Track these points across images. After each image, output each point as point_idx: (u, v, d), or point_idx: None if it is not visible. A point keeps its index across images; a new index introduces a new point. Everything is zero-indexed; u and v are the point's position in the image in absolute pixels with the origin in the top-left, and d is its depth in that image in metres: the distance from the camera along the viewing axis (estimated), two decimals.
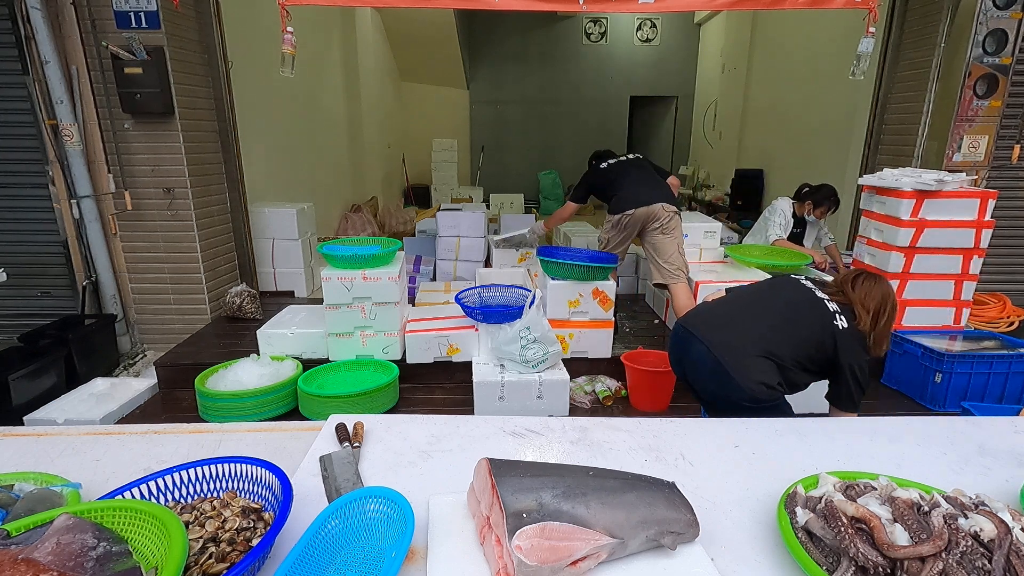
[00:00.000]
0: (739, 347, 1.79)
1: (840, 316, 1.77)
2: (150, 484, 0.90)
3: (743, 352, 1.77)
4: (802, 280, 1.95)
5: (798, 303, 1.85)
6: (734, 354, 1.78)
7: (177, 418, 2.86)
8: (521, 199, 9.13)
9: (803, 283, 1.93)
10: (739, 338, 1.81)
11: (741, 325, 1.86)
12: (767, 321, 1.84)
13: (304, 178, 5.64)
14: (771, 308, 1.88)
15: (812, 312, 1.80)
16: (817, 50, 5.87)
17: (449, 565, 0.81)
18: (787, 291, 1.92)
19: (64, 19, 3.21)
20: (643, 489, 0.88)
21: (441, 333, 3.13)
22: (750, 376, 1.73)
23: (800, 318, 1.81)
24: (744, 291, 2.05)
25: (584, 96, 10.73)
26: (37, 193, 3.43)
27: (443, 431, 1.23)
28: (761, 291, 2.00)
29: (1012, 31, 3.42)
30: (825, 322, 1.77)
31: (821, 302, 1.82)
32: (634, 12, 9.67)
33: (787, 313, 1.84)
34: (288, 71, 3.06)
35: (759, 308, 1.91)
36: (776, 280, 2.08)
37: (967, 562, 0.74)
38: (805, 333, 1.78)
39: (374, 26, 8.11)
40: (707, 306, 2.04)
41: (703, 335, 1.86)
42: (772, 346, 1.77)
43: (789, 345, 1.77)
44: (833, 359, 1.77)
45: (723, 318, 1.92)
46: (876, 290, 1.80)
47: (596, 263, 3.10)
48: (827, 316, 1.78)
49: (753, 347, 1.77)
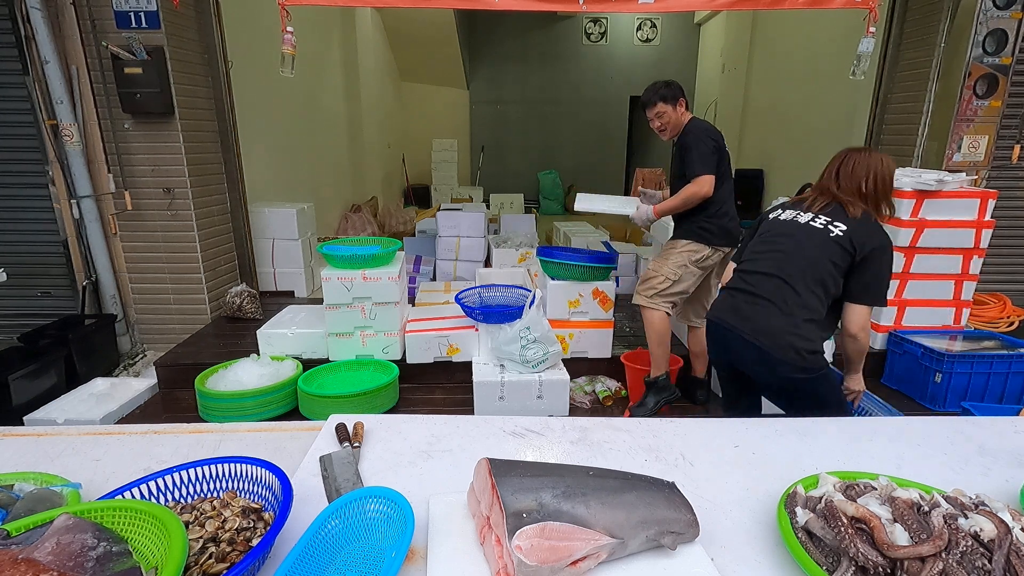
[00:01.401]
0: (773, 325, 1.77)
1: (832, 224, 1.78)
2: (150, 484, 0.90)
3: (779, 328, 1.76)
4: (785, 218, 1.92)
5: (800, 248, 1.82)
6: (771, 334, 1.76)
7: (177, 418, 2.86)
8: (521, 199, 9.13)
9: (790, 222, 1.89)
10: (769, 315, 1.79)
11: (766, 301, 1.82)
12: (786, 284, 1.80)
13: (304, 178, 5.64)
14: (783, 267, 1.82)
15: (813, 244, 1.79)
16: (817, 50, 5.87)
17: (449, 565, 0.81)
18: (784, 242, 1.87)
19: (64, 19, 3.21)
20: (643, 489, 0.88)
21: (441, 333, 3.13)
22: (794, 348, 1.72)
23: (811, 260, 1.78)
24: (752, 264, 1.94)
25: (584, 96, 10.73)
26: (37, 193, 3.43)
27: (443, 431, 1.23)
28: (767, 256, 1.90)
29: (1012, 31, 3.42)
30: (827, 244, 1.76)
31: (811, 229, 1.82)
32: (634, 12, 9.67)
33: (798, 263, 1.80)
34: (288, 71, 3.06)
35: (774, 274, 1.84)
36: (771, 235, 1.95)
37: (967, 562, 0.74)
38: (822, 269, 1.76)
39: (374, 26, 8.11)
40: (728, 292, 1.98)
41: (737, 325, 1.84)
42: (801, 305, 1.75)
43: (815, 294, 1.76)
44: (850, 264, 1.75)
45: (747, 299, 1.87)
46: (858, 169, 1.83)
47: (596, 263, 3.10)
48: (823, 236, 1.78)
49: (785, 319, 1.76)
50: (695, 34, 10.40)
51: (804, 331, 1.74)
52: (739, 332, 1.83)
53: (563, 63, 10.59)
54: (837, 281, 1.77)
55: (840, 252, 1.76)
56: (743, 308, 1.87)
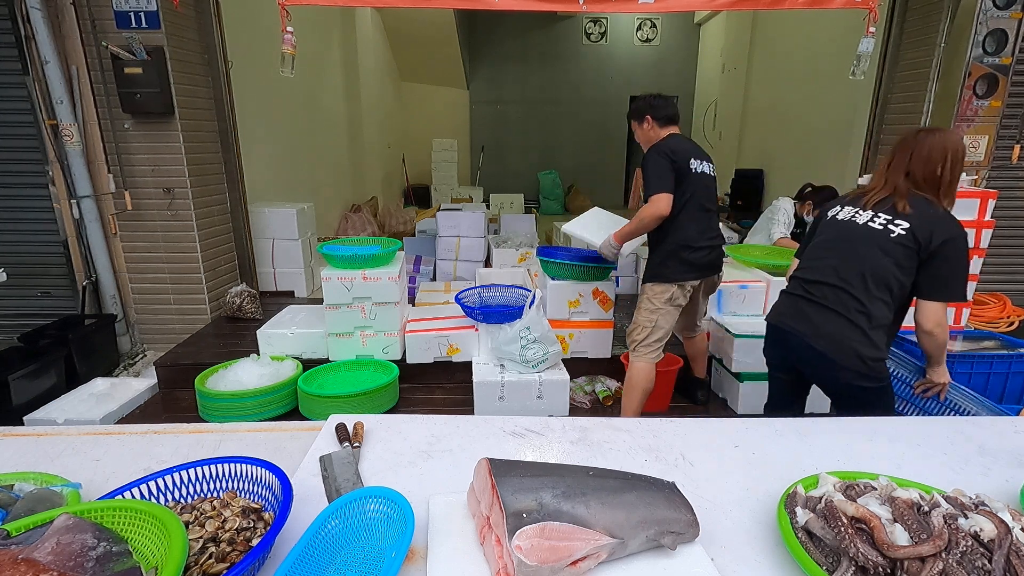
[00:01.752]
0: (839, 332, 1.72)
1: (893, 224, 1.67)
2: (150, 484, 0.90)
3: (845, 336, 1.71)
4: (843, 218, 1.80)
5: (860, 254, 1.72)
6: (836, 340, 1.72)
7: (177, 418, 2.86)
8: (521, 199, 9.13)
9: (848, 223, 1.78)
10: (835, 322, 1.73)
11: (831, 310, 1.75)
12: (850, 295, 1.72)
13: (304, 178, 5.64)
14: (845, 276, 1.74)
15: (873, 248, 1.69)
16: (817, 50, 5.87)
17: (449, 565, 0.81)
18: (843, 248, 1.77)
19: (64, 19, 3.21)
20: (643, 489, 0.88)
21: (441, 333, 3.13)
22: (859, 355, 1.68)
23: (872, 266, 1.69)
24: (812, 272, 1.85)
25: (584, 96, 10.73)
26: (37, 193, 3.43)
27: (443, 431, 1.23)
28: (827, 264, 1.81)
29: (1012, 31, 3.42)
30: (888, 246, 1.66)
31: (870, 232, 1.71)
32: (634, 12, 9.67)
33: (859, 271, 1.71)
34: (288, 71, 3.06)
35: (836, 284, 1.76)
36: (830, 241, 1.85)
37: (967, 562, 0.74)
38: (886, 273, 1.68)
39: (374, 26, 8.11)
40: (791, 297, 1.92)
41: (802, 330, 1.79)
42: (866, 314, 1.69)
43: (881, 300, 1.69)
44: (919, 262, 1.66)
45: (812, 307, 1.80)
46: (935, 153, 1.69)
47: (596, 263, 3.10)
48: (883, 238, 1.67)
49: (852, 327, 1.70)
50: (695, 34, 10.40)
51: (872, 337, 1.69)
52: (803, 337, 1.78)
53: (563, 63, 10.59)
54: (904, 283, 1.69)
55: (904, 252, 1.66)
56: (807, 312, 1.81)
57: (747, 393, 2.89)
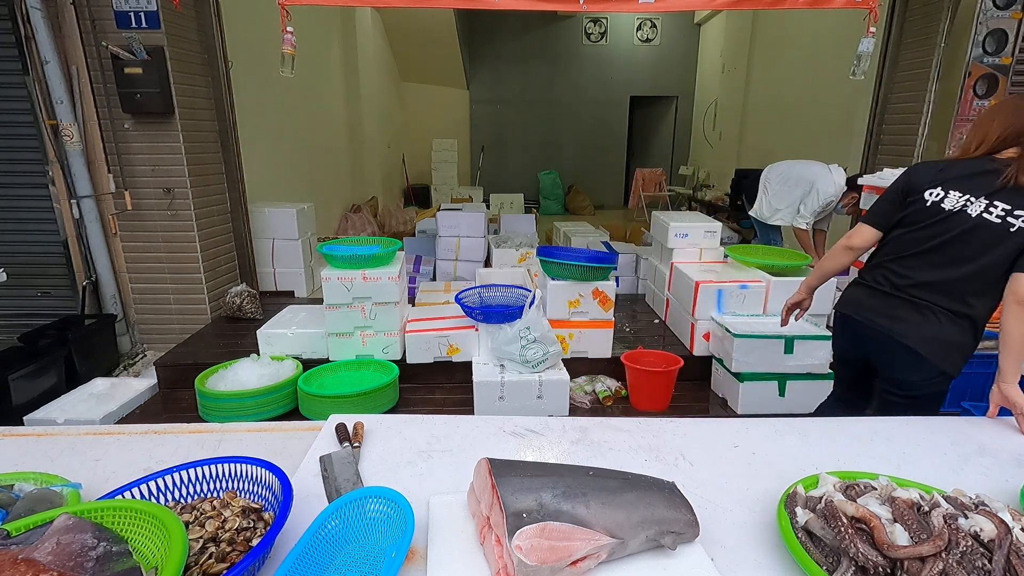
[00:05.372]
0: (939, 333, 1.61)
1: (1013, 215, 1.47)
2: (150, 484, 0.90)
3: (946, 337, 1.60)
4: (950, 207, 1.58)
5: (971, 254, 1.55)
6: (935, 341, 1.61)
7: (177, 418, 2.86)
8: (521, 199, 9.14)
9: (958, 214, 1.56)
10: (938, 325, 1.61)
11: (931, 314, 1.62)
12: (957, 300, 1.60)
13: (304, 178, 5.64)
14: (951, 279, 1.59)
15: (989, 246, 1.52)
16: (817, 50, 5.87)
17: (449, 565, 0.81)
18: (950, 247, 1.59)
19: (64, 19, 3.21)
20: (643, 489, 0.88)
21: (441, 333, 3.13)
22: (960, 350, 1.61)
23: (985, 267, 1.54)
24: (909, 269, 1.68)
25: (584, 96, 10.73)
26: (37, 193, 3.43)
27: (443, 431, 1.23)
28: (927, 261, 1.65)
29: (1012, 31, 3.41)
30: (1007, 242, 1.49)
31: (986, 225, 1.51)
32: (634, 12, 9.67)
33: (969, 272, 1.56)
34: (288, 71, 3.06)
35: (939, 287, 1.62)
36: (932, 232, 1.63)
37: (967, 562, 0.74)
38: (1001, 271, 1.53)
39: (374, 26, 8.11)
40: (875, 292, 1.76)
41: (893, 328, 1.67)
42: (972, 316, 1.59)
43: (992, 296, 1.57)
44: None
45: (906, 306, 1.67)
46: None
47: (596, 263, 3.10)
48: (1001, 233, 1.49)
49: (955, 329, 1.60)
50: (695, 34, 10.40)
51: (974, 335, 1.62)
52: (900, 338, 1.66)
53: (563, 63, 10.59)
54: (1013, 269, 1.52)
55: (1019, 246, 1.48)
56: (901, 313, 1.67)
57: (747, 393, 2.89)
